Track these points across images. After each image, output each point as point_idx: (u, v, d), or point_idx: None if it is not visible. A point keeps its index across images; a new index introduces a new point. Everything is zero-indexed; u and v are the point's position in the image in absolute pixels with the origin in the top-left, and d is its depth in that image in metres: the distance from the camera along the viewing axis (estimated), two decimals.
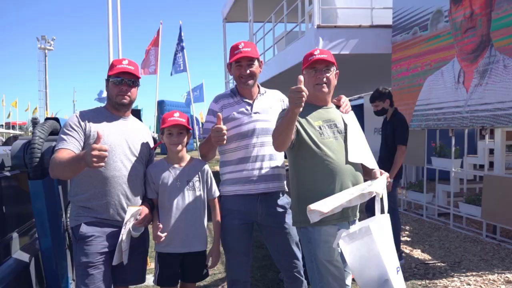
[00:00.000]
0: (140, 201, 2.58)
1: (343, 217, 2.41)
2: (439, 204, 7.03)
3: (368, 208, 4.44)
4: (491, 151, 7.03)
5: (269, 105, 2.80)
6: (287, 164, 2.76)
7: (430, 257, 5.11)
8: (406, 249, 5.40)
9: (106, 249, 2.42)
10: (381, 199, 2.37)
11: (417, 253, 5.26)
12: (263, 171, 2.71)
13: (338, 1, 8.34)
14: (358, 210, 2.59)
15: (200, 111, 29.56)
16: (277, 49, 10.68)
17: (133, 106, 2.68)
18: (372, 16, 7.95)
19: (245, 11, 12.05)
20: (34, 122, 2.76)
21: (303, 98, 2.14)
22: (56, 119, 2.80)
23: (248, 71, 2.69)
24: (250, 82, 2.72)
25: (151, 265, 3.95)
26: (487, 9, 5.39)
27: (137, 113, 2.96)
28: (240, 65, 2.70)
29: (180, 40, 15.36)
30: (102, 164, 2.11)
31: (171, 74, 16.26)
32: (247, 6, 11.75)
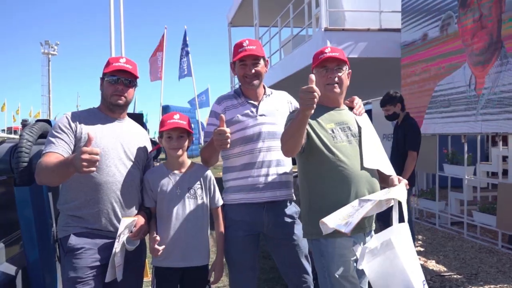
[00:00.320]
0: (136, 210, 2.38)
1: (358, 227, 2.19)
2: (452, 212, 6.80)
3: (380, 217, 4.21)
4: (504, 158, 6.83)
5: (275, 107, 2.63)
6: (294, 170, 2.57)
7: (445, 269, 4.89)
8: (420, 259, 5.15)
9: (98, 263, 2.21)
10: (399, 207, 2.17)
11: (432, 264, 5.04)
12: (270, 178, 2.52)
13: (345, 4, 8.19)
14: (374, 221, 2.39)
15: (206, 117, 29.40)
16: (283, 53, 10.54)
17: (137, 110, 2.49)
18: (380, 20, 7.80)
19: (251, 16, 11.95)
20: (24, 124, 2.57)
21: (315, 99, 1.95)
22: (48, 121, 2.61)
23: (253, 71, 2.52)
24: (256, 82, 2.55)
25: (150, 277, 3.74)
26: (497, 11, 5.19)
27: (139, 118, 2.79)
28: (244, 64, 2.53)
29: (185, 45, 15.35)
30: (93, 169, 1.91)
31: (179, 79, 16.27)
32: (252, 10, 11.64)
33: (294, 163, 2.57)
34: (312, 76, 1.98)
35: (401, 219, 2.18)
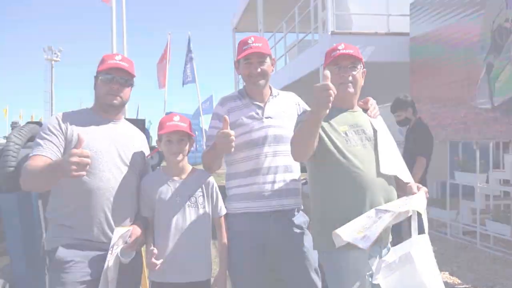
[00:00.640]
0: (131, 220, 2.20)
1: (374, 240, 2.01)
2: (464, 221, 6.59)
3: (392, 228, 4.02)
4: None
5: (282, 108, 2.46)
6: (302, 178, 2.39)
7: (460, 281, 4.69)
8: None
9: (89, 277, 2.03)
10: (419, 218, 2.02)
11: (446, 276, 4.82)
12: (277, 185, 2.35)
13: (352, 7, 8.07)
14: (390, 232, 2.20)
15: None
16: (288, 58, 10.44)
17: (139, 116, 2.32)
18: (388, 23, 7.67)
19: (255, 21, 11.88)
20: (14, 126, 2.41)
21: (331, 98, 1.78)
22: (38, 123, 2.45)
23: (259, 69, 2.36)
24: (261, 82, 2.39)
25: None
26: None
27: (141, 123, 2.62)
28: (249, 63, 2.37)
29: (189, 51, 15.31)
30: (83, 173, 1.75)
31: (183, 85, 16.24)
32: (256, 15, 11.54)
33: (303, 170, 2.39)
34: (327, 73, 1.81)
35: (420, 230, 2.01)
